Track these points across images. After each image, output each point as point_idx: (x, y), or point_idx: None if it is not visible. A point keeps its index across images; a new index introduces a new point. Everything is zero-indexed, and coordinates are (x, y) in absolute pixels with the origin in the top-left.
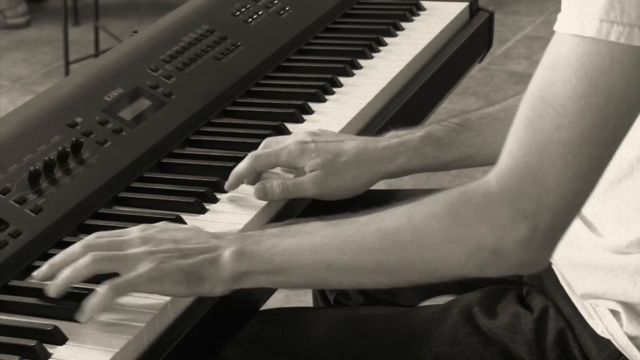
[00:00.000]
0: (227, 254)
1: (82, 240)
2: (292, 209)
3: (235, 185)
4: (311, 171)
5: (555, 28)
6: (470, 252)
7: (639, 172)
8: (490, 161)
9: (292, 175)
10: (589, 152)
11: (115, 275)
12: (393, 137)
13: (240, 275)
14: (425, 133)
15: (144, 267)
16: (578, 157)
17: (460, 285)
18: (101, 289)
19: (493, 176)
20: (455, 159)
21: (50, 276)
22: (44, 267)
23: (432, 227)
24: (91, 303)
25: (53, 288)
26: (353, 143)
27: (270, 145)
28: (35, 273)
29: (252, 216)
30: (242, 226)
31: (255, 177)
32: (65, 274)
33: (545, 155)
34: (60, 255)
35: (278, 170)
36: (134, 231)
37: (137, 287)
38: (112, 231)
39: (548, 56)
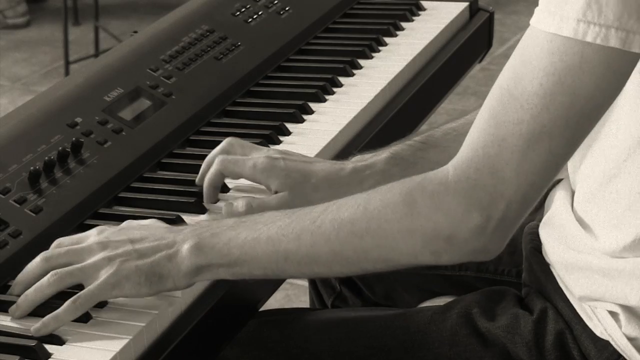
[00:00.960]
0: (184, 248)
1: (41, 253)
2: None
3: (213, 197)
4: (277, 190)
5: (531, 22)
6: (425, 240)
7: (625, 173)
8: None
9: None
10: (548, 147)
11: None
12: (359, 161)
13: (199, 268)
14: (391, 154)
15: (103, 274)
16: (536, 151)
17: (459, 287)
18: (64, 305)
19: (451, 165)
20: None
21: (18, 294)
22: (13, 288)
23: (387, 215)
24: (53, 317)
25: (19, 312)
26: (321, 166)
27: (233, 146)
28: (9, 291)
29: None
30: None
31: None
32: (29, 296)
33: (505, 147)
34: (22, 274)
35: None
36: (92, 235)
37: (99, 296)
38: (71, 237)
39: (519, 50)
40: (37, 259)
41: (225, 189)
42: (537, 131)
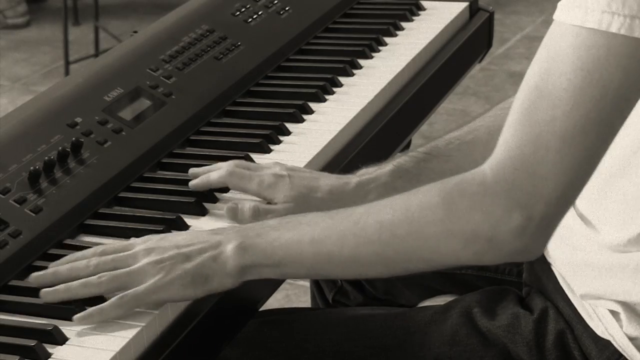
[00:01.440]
0: (229, 248)
1: (88, 257)
2: None
3: (202, 188)
4: (283, 203)
5: (555, 17)
6: (466, 241)
7: (635, 167)
8: None
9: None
10: (583, 143)
11: None
12: (364, 174)
13: (245, 268)
14: (394, 167)
15: (150, 279)
16: (572, 148)
17: (460, 285)
18: (111, 300)
19: (488, 166)
20: None
21: (50, 285)
22: (48, 274)
23: (428, 217)
24: (98, 309)
25: (52, 295)
26: (327, 180)
27: (239, 167)
28: (34, 275)
29: None
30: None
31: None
32: (72, 287)
33: (540, 145)
34: (67, 268)
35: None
36: (138, 243)
37: (146, 298)
38: (116, 245)
39: (545, 46)
40: (84, 262)
41: (225, 189)
42: (570, 128)
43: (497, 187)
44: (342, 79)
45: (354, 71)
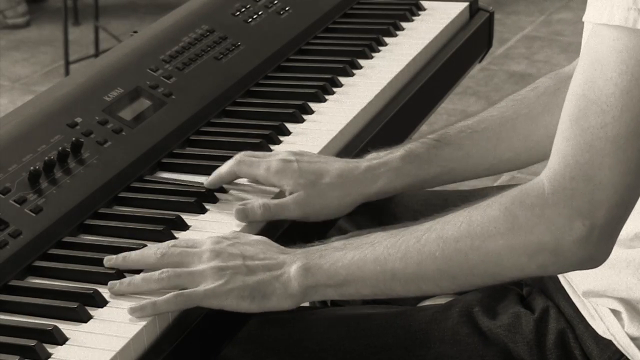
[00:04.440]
0: (293, 269)
1: (158, 247)
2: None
3: (215, 184)
4: (292, 191)
5: (584, 19)
6: (531, 254)
7: None
8: (473, 174)
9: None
10: (637, 145)
11: None
12: (374, 158)
13: (307, 290)
14: (405, 152)
15: (210, 283)
16: (627, 152)
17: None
18: (167, 296)
19: (545, 177)
20: (437, 175)
21: (120, 268)
22: (119, 258)
23: (490, 232)
24: (152, 303)
25: (118, 288)
26: (335, 164)
27: (246, 156)
28: (107, 259)
29: None
30: (242, 227)
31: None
32: (136, 282)
33: (594, 152)
34: (136, 256)
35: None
36: (207, 243)
37: (201, 301)
38: (186, 239)
39: (587, 53)
40: (152, 249)
41: (225, 189)
42: (622, 131)
43: (556, 198)
44: (342, 79)
45: (354, 71)
